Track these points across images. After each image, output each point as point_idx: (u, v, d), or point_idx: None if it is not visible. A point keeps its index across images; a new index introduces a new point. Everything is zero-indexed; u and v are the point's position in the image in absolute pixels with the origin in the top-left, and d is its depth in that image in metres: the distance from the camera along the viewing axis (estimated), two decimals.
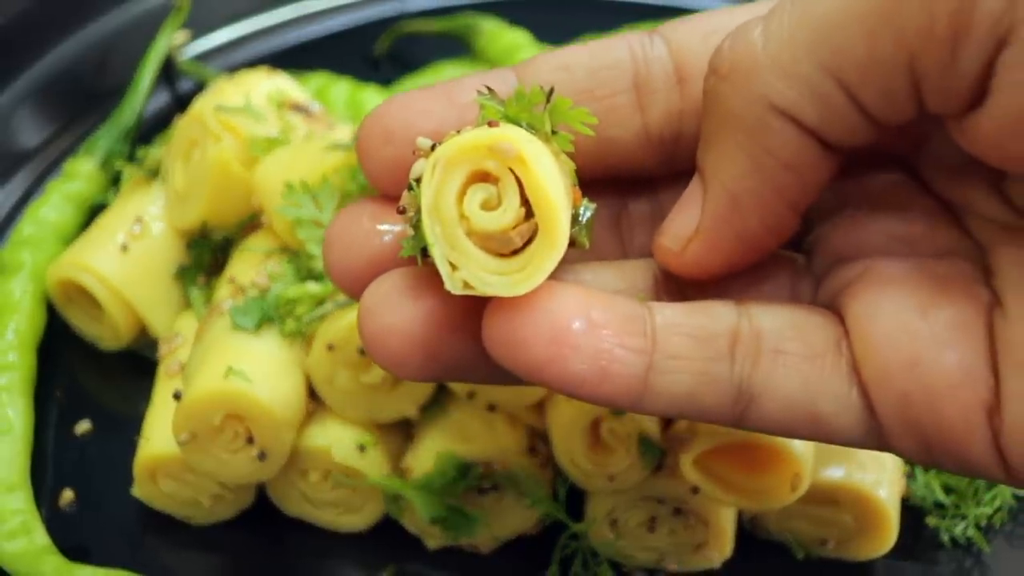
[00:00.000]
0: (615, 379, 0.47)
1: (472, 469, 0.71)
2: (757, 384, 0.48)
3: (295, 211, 0.73)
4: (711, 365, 0.48)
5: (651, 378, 0.47)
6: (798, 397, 0.48)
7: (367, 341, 0.49)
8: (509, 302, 0.46)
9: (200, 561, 0.77)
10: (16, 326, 0.83)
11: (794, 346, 0.48)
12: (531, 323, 0.46)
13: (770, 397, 0.48)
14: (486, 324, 0.47)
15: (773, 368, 0.48)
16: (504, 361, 0.46)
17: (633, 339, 0.47)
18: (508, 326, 0.46)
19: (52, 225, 0.88)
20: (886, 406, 0.47)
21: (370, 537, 0.76)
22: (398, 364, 0.49)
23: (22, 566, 0.73)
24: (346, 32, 1.09)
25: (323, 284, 0.72)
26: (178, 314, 0.83)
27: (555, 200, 0.45)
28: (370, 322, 0.49)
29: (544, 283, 0.46)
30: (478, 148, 0.46)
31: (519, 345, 0.46)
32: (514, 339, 0.46)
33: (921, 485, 0.75)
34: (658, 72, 0.52)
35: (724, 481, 0.68)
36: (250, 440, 0.70)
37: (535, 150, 0.46)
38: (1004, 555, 0.75)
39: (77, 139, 0.97)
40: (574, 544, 0.73)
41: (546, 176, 0.45)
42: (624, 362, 0.47)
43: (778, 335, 0.48)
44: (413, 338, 0.49)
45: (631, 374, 0.47)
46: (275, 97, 0.84)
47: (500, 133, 0.46)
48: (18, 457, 0.78)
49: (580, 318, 0.46)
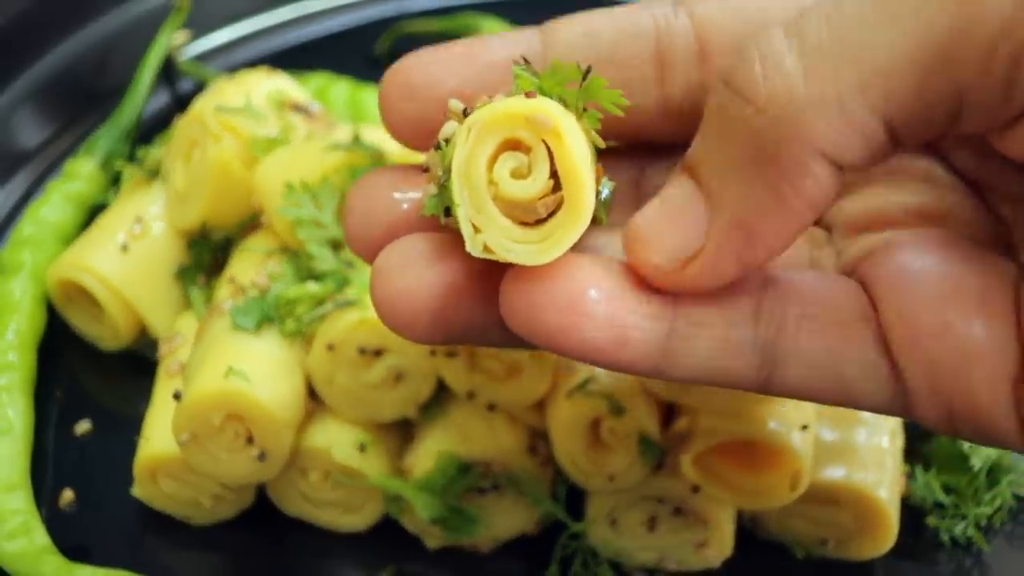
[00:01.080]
0: (634, 345, 0.46)
1: (472, 469, 0.71)
2: (782, 349, 0.48)
3: (295, 211, 0.73)
4: (734, 330, 0.48)
5: (671, 344, 0.47)
6: (824, 362, 0.48)
7: (377, 302, 0.49)
8: (528, 271, 0.46)
9: (200, 561, 0.77)
10: (16, 326, 0.83)
11: (819, 311, 0.48)
12: (548, 291, 0.46)
13: (795, 362, 0.48)
14: (504, 290, 0.47)
15: (798, 333, 0.48)
16: (520, 329, 0.46)
17: (651, 305, 0.47)
18: (525, 294, 0.46)
19: (52, 225, 0.88)
20: (914, 372, 0.47)
21: (370, 537, 0.76)
22: (406, 326, 0.49)
23: (22, 566, 0.73)
24: (346, 32, 1.09)
25: (323, 284, 0.72)
26: (178, 314, 0.83)
27: (584, 175, 0.45)
28: (381, 284, 0.49)
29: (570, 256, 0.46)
30: (515, 117, 0.46)
31: (536, 312, 0.46)
32: (531, 306, 0.46)
33: (921, 485, 0.75)
34: (680, 45, 0.52)
35: (724, 480, 0.68)
36: (250, 440, 0.70)
37: (569, 125, 0.46)
38: (1004, 555, 0.75)
39: (77, 139, 0.97)
40: (574, 544, 0.73)
41: (577, 151, 0.46)
42: (643, 328, 0.47)
43: (803, 300, 0.48)
44: (423, 301, 0.49)
45: (650, 340, 0.47)
46: (275, 97, 0.84)
47: (539, 105, 0.46)
48: (18, 457, 0.78)
49: (596, 286, 0.46)
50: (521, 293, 0.46)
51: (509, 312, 0.47)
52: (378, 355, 0.70)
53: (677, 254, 0.46)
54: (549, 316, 0.46)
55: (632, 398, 0.67)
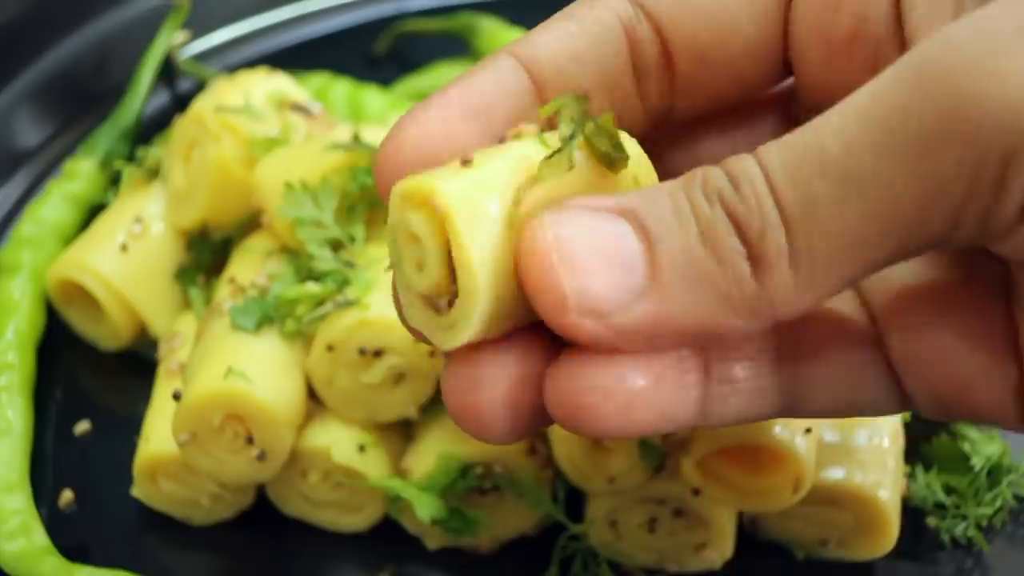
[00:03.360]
0: (677, 421, 0.46)
1: (472, 470, 0.71)
2: (801, 388, 0.49)
3: (295, 211, 0.73)
4: (760, 380, 0.49)
5: (707, 407, 0.48)
6: (841, 393, 0.50)
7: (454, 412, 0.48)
8: (562, 368, 0.44)
9: (200, 561, 0.77)
10: (16, 326, 0.83)
11: (832, 345, 0.49)
12: (594, 390, 0.44)
13: (814, 397, 0.50)
14: (549, 404, 0.45)
15: (814, 370, 0.49)
16: (573, 428, 0.45)
17: (689, 375, 0.46)
18: (570, 395, 0.44)
19: (52, 225, 0.88)
20: (919, 392, 0.49)
21: (370, 537, 0.76)
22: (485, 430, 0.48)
23: (21, 566, 0.72)
24: (346, 32, 1.08)
25: (323, 284, 0.72)
26: (178, 314, 0.83)
27: (474, 271, 0.42)
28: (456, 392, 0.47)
29: None
30: (396, 199, 0.44)
31: (590, 423, 0.44)
32: (581, 409, 0.44)
33: (922, 485, 0.75)
34: (649, 52, 0.51)
35: (726, 482, 0.68)
36: (250, 440, 0.70)
37: (466, 207, 0.42)
38: (1005, 556, 0.75)
39: (77, 139, 0.97)
40: (574, 545, 0.73)
41: (467, 236, 0.42)
42: (685, 401, 0.46)
43: (815, 335, 0.49)
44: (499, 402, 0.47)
45: (691, 409, 0.47)
46: (275, 97, 0.84)
47: (415, 183, 0.43)
48: (17, 457, 0.77)
49: (641, 375, 0.44)
50: (565, 394, 0.44)
51: (558, 412, 0.45)
52: (378, 355, 0.70)
53: (593, 303, 0.43)
54: (605, 419, 0.44)
55: None
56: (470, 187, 0.43)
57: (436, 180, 0.43)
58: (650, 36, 0.51)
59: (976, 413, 0.48)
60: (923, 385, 0.49)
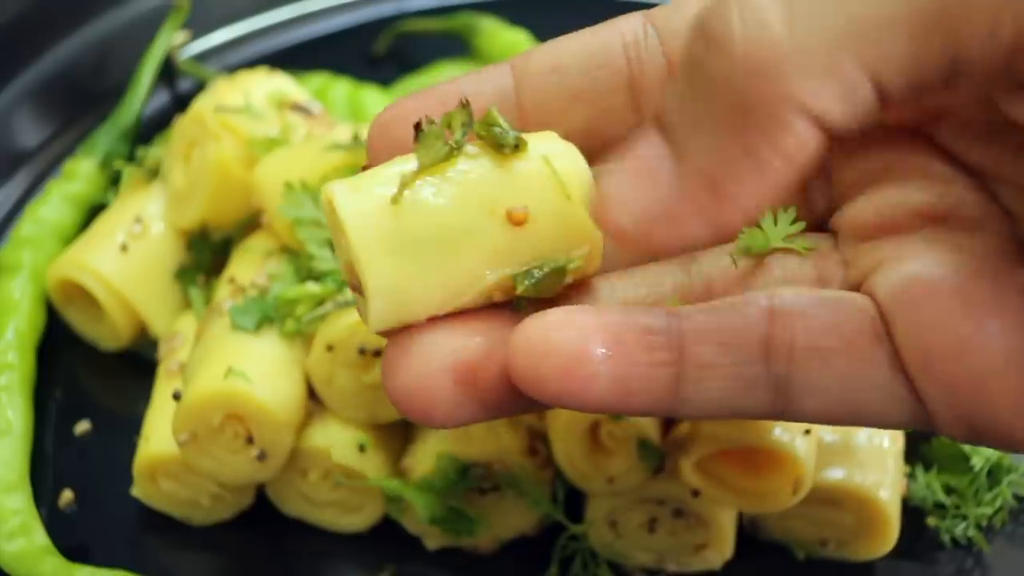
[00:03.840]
0: (641, 395, 0.45)
1: (472, 470, 0.71)
2: (795, 383, 0.47)
3: (295, 211, 0.73)
4: (744, 369, 0.46)
5: (682, 388, 0.46)
6: (839, 391, 0.47)
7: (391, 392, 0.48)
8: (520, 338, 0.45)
9: (200, 561, 0.77)
10: (16, 326, 0.83)
11: (830, 341, 0.46)
12: (546, 356, 0.45)
13: (810, 394, 0.47)
14: (510, 361, 0.45)
15: (809, 365, 0.46)
16: (531, 395, 0.45)
17: (655, 354, 0.46)
18: (528, 361, 0.45)
19: (51, 225, 0.88)
20: (931, 393, 0.46)
21: (370, 537, 0.76)
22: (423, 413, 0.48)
23: (21, 566, 0.72)
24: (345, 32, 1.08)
25: (323, 284, 0.72)
26: (178, 314, 0.83)
27: (361, 252, 0.46)
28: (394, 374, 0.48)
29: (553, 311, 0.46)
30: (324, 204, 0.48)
31: (541, 380, 0.45)
32: (535, 374, 0.45)
33: (922, 486, 0.75)
34: (651, 67, 0.51)
35: (725, 484, 0.68)
36: (250, 440, 0.70)
37: (352, 204, 0.46)
38: (1005, 556, 0.75)
39: (76, 139, 0.97)
40: (574, 545, 0.73)
41: (358, 237, 0.46)
42: (648, 378, 0.46)
43: (811, 329, 0.47)
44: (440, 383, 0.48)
45: (658, 388, 0.46)
46: (275, 97, 0.84)
47: (326, 188, 0.47)
48: (17, 457, 0.77)
49: (596, 342, 0.45)
50: (523, 361, 0.45)
51: (519, 380, 0.45)
52: (378, 355, 0.70)
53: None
54: (554, 383, 0.45)
55: None
56: (355, 180, 0.48)
57: (329, 185, 0.48)
58: (656, 49, 0.51)
59: (998, 419, 0.45)
60: (939, 387, 0.45)
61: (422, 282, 0.47)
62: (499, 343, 0.47)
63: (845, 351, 0.46)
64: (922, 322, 0.45)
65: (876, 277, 0.48)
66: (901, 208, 0.49)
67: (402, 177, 0.47)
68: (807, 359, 0.46)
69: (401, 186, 0.47)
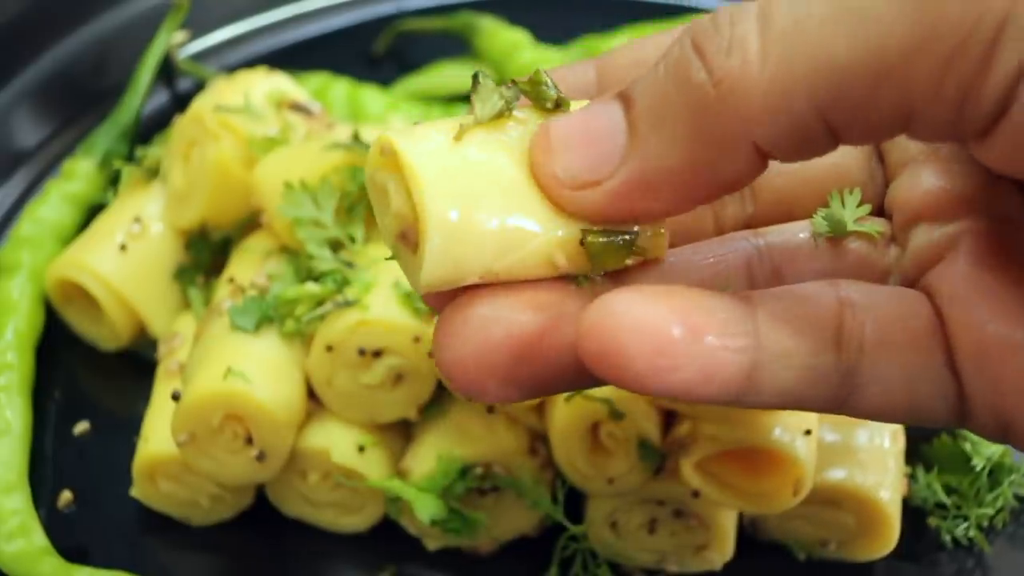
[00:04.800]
0: (720, 382, 0.45)
1: (472, 470, 0.71)
2: (862, 374, 0.47)
3: (294, 211, 0.73)
4: (817, 359, 0.46)
5: (755, 376, 0.45)
6: (901, 385, 0.47)
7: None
8: (598, 315, 0.44)
9: (199, 562, 0.77)
10: (15, 326, 0.82)
11: (897, 334, 0.47)
12: (627, 337, 0.43)
13: (873, 386, 0.47)
14: (582, 340, 0.44)
15: (877, 359, 0.47)
16: (606, 376, 0.44)
17: (737, 339, 0.45)
18: (604, 341, 0.44)
19: (51, 225, 0.88)
20: (977, 388, 0.46)
21: (370, 538, 0.76)
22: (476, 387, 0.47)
23: (20, 567, 0.72)
24: (345, 31, 1.08)
25: (322, 284, 0.71)
26: (177, 314, 0.83)
27: (427, 203, 0.44)
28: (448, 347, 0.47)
29: (630, 290, 0.44)
30: (374, 154, 0.47)
31: (620, 362, 0.43)
32: (613, 356, 0.43)
33: (923, 486, 0.75)
34: None
35: (726, 485, 0.67)
36: (249, 441, 0.70)
37: (414, 149, 0.45)
38: (1006, 556, 0.75)
39: (76, 139, 0.97)
40: (574, 545, 0.73)
41: (420, 174, 0.45)
42: (730, 364, 0.45)
43: (881, 322, 0.47)
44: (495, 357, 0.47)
45: (736, 375, 0.45)
46: (274, 96, 0.84)
47: (381, 135, 0.46)
48: (16, 458, 0.77)
49: (680, 325, 0.44)
50: (603, 337, 0.44)
51: (592, 360, 0.44)
52: (377, 356, 0.70)
53: (581, 174, 0.45)
54: (637, 364, 0.43)
55: (632, 403, 0.67)
56: (411, 128, 0.47)
57: (390, 133, 0.46)
58: None
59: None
60: (986, 385, 0.46)
61: (478, 233, 0.45)
62: (560, 319, 0.46)
63: (910, 345, 0.47)
64: (974, 319, 0.46)
65: (932, 275, 0.49)
66: (949, 192, 0.50)
67: (461, 125, 0.46)
68: (875, 351, 0.47)
69: (460, 131, 0.46)
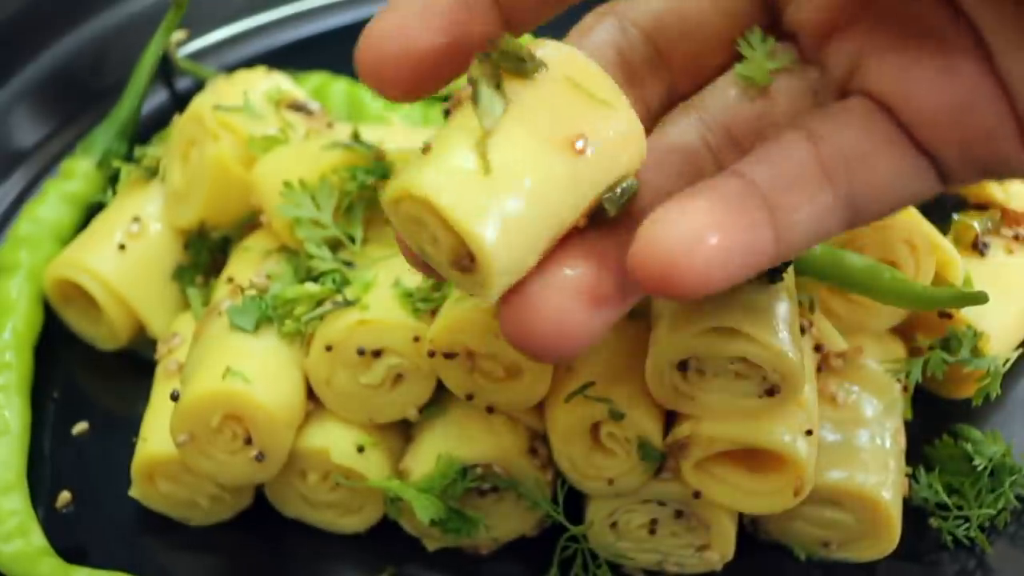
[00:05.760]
0: (757, 255, 0.50)
1: (472, 470, 0.71)
2: (858, 195, 0.52)
3: (294, 211, 0.72)
4: (820, 198, 0.51)
5: (781, 236, 0.50)
6: (889, 186, 0.53)
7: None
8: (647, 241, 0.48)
9: (198, 562, 0.76)
10: (13, 326, 0.82)
11: (867, 146, 0.52)
12: (681, 253, 0.47)
13: (871, 199, 0.53)
14: (641, 264, 0.48)
15: (864, 171, 0.52)
16: (667, 292, 0.48)
17: (756, 214, 0.50)
18: (661, 261, 0.47)
19: (49, 224, 0.88)
20: (948, 154, 0.52)
21: (369, 538, 0.76)
22: None
23: (18, 568, 0.72)
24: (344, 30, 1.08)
25: (322, 284, 0.71)
26: (176, 314, 0.83)
27: (478, 240, 0.47)
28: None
29: (665, 210, 0.48)
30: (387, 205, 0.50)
31: (680, 275, 0.47)
32: (670, 271, 0.47)
33: (923, 486, 0.75)
34: (639, 58, 0.57)
35: (726, 485, 0.67)
36: (248, 441, 0.70)
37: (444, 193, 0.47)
38: (1007, 556, 0.74)
39: (74, 138, 0.97)
40: (574, 546, 0.73)
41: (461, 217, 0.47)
42: (760, 239, 0.50)
43: (850, 144, 0.52)
44: None
45: (767, 243, 0.50)
46: (273, 96, 0.84)
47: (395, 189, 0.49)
48: (15, 458, 0.77)
49: (710, 228, 0.48)
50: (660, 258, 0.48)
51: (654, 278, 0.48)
52: (377, 356, 0.70)
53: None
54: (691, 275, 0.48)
55: (632, 403, 0.67)
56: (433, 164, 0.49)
57: (408, 179, 0.48)
58: (636, 40, 0.57)
59: (1003, 149, 0.51)
60: (953, 146, 0.51)
61: (525, 237, 0.49)
62: (602, 258, 0.51)
63: (884, 146, 0.52)
64: (921, 99, 0.51)
65: (860, 77, 0.53)
66: (841, 1, 0.54)
67: (477, 147, 0.48)
68: (858, 167, 0.52)
69: (480, 156, 0.48)
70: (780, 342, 0.62)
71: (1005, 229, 0.81)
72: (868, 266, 0.67)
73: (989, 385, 0.74)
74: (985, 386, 0.74)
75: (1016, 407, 0.82)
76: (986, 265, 0.79)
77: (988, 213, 0.81)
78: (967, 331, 0.74)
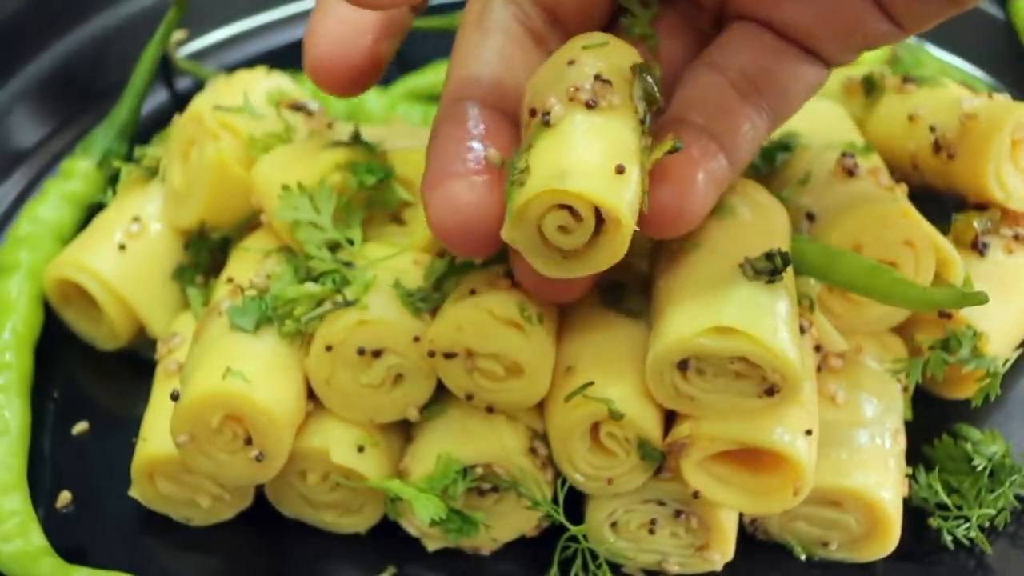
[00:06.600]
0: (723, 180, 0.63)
1: (472, 470, 0.71)
2: (772, 101, 0.64)
3: (292, 213, 0.72)
4: (745, 115, 0.63)
5: (731, 158, 0.63)
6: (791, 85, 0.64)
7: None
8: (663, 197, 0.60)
9: (198, 563, 0.76)
10: (13, 326, 0.82)
11: (763, 60, 0.64)
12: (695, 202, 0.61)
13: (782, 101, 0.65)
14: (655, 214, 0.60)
15: (768, 82, 0.64)
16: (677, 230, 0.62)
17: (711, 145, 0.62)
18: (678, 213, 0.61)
19: (49, 224, 0.88)
20: (829, 49, 0.63)
21: (369, 538, 0.76)
22: None
23: (19, 568, 0.72)
24: None
25: (322, 284, 0.71)
26: (176, 314, 0.83)
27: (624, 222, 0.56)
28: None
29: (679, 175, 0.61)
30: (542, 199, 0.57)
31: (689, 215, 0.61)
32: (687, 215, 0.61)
33: (923, 486, 0.75)
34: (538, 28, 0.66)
35: (726, 485, 0.67)
36: (248, 441, 0.70)
37: (627, 210, 0.56)
38: (1007, 556, 0.75)
39: (74, 138, 0.97)
40: (574, 545, 0.73)
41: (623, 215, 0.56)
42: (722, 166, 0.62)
43: (749, 61, 0.63)
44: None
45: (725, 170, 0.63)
46: (273, 96, 0.84)
47: (601, 199, 0.56)
48: (15, 458, 0.77)
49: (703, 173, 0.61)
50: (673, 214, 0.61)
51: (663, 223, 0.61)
52: (377, 356, 0.70)
53: None
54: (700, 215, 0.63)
55: (631, 403, 0.67)
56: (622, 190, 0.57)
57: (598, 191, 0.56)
58: (533, 11, 0.65)
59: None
60: (828, 40, 0.63)
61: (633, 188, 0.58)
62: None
63: (774, 60, 0.64)
64: (793, 12, 0.62)
65: (731, 4, 0.64)
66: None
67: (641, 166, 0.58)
68: (763, 83, 0.63)
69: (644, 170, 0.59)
70: (780, 342, 0.62)
71: (1005, 229, 0.81)
72: (868, 267, 0.67)
73: (989, 385, 0.74)
74: (985, 386, 0.74)
75: (1016, 407, 0.82)
76: (986, 265, 0.79)
77: (988, 213, 0.81)
78: (967, 331, 0.74)
